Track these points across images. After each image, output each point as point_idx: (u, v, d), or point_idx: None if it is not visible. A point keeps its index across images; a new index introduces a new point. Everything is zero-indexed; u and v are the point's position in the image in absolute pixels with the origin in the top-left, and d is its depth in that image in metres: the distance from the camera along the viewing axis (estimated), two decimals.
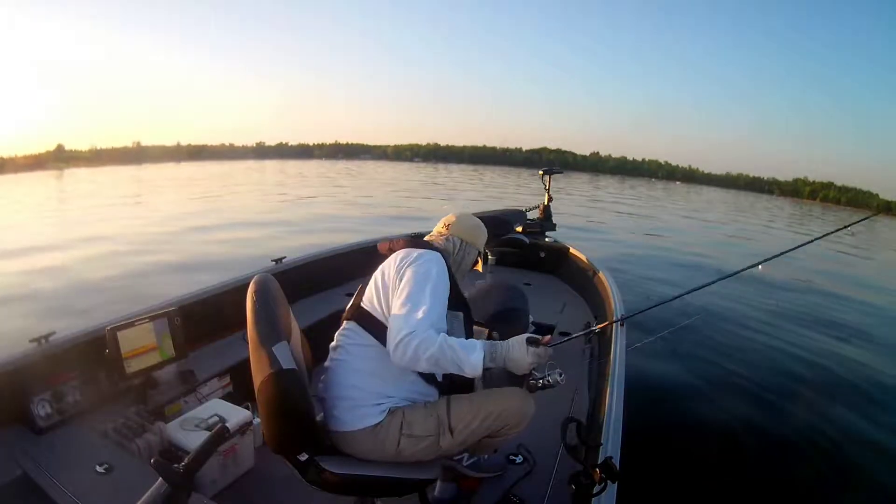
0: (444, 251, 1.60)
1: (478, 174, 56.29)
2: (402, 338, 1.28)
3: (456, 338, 1.32)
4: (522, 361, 1.34)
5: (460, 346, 1.29)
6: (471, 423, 1.42)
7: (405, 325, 1.30)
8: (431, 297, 1.35)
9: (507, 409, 1.45)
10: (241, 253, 8.05)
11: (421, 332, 1.28)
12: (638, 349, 2.37)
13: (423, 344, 1.26)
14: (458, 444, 1.44)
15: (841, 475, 2.98)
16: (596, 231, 13.26)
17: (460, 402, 1.46)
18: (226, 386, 2.39)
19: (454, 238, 1.70)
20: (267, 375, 1.22)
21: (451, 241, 1.69)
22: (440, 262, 1.47)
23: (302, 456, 1.34)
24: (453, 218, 1.75)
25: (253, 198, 19.60)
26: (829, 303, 7.91)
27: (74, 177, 41.34)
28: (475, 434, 1.44)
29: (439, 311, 1.37)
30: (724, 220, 23.24)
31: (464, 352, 1.29)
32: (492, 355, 1.33)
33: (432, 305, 1.34)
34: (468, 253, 1.71)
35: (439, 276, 1.42)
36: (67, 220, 13.35)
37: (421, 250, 1.51)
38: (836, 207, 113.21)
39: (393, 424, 1.40)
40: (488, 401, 1.46)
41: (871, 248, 19.64)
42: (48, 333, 2.00)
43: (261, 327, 1.28)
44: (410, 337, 1.27)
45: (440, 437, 1.41)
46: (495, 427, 1.44)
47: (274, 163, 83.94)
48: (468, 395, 1.51)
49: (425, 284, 1.37)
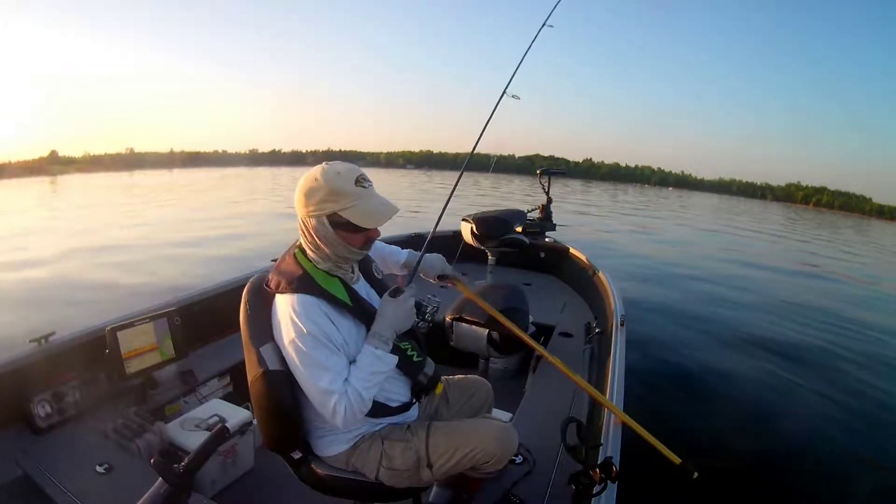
0: (300, 276, 1.24)
1: (471, 180, 56.49)
2: (333, 416, 1.19)
3: (358, 366, 1.22)
4: (397, 315, 1.28)
5: (368, 367, 1.22)
6: (450, 459, 1.35)
7: (322, 401, 1.19)
8: (318, 360, 1.18)
9: (486, 445, 1.36)
10: (240, 253, 8.04)
11: (338, 399, 1.17)
12: (638, 349, 2.38)
13: (349, 409, 1.18)
14: (437, 477, 1.39)
15: (842, 476, 2.98)
16: (594, 227, 13.31)
17: (438, 435, 1.37)
18: (226, 386, 2.39)
19: (300, 226, 1.27)
20: (255, 375, 1.24)
21: (301, 232, 1.28)
22: (301, 309, 1.19)
23: (296, 454, 1.36)
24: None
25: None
26: (832, 302, 7.94)
27: (67, 183, 41.18)
28: (455, 468, 1.37)
29: (335, 361, 1.20)
30: (716, 226, 23.47)
31: (374, 365, 1.23)
32: (381, 337, 1.25)
33: (324, 367, 1.18)
34: (312, 231, 1.24)
35: (309, 331, 1.17)
36: (61, 224, 13.29)
37: (280, 299, 1.24)
38: (828, 212, 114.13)
39: (372, 454, 1.35)
40: (469, 436, 1.37)
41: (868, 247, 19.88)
42: (48, 333, 1.99)
43: (251, 328, 1.29)
44: (334, 413, 1.18)
45: (420, 470, 1.36)
46: (476, 462, 1.37)
47: (266, 170, 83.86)
48: (448, 426, 1.41)
49: (302, 356, 1.18)
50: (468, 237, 3.53)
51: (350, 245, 1.24)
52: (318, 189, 1.19)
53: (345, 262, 1.30)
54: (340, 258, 1.27)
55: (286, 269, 1.27)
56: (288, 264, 1.28)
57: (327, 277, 1.27)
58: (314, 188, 1.19)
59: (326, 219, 1.21)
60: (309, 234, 1.25)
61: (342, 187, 1.18)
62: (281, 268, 1.28)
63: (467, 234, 3.53)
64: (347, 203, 1.19)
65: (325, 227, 1.21)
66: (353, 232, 1.23)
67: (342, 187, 1.18)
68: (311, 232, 1.24)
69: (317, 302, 1.21)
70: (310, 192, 1.20)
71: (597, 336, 2.71)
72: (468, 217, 3.59)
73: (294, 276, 1.24)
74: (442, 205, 1.80)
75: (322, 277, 1.26)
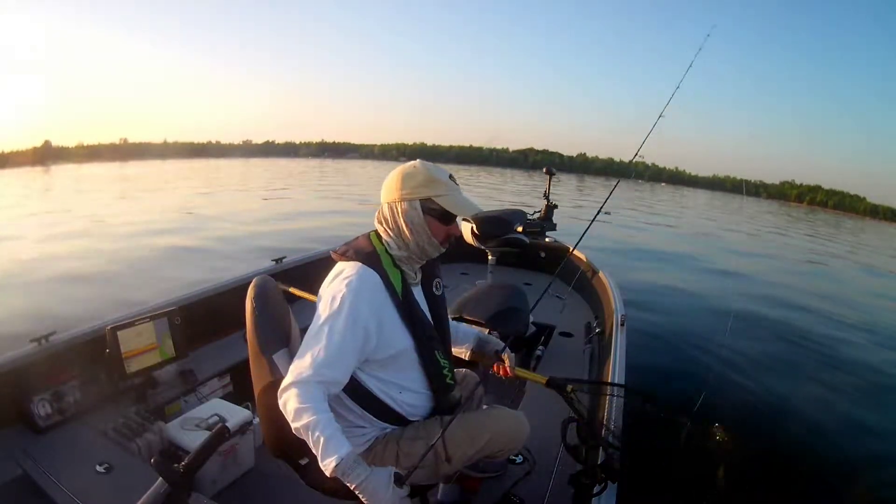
0: (370, 252, 1.28)
1: (469, 174, 56.35)
2: (283, 388, 1.15)
3: (329, 429, 1.13)
4: (382, 495, 1.13)
5: (325, 441, 1.12)
6: (468, 451, 1.37)
7: (290, 373, 1.16)
8: (327, 340, 1.16)
9: (502, 433, 1.40)
10: (240, 252, 7.99)
11: (300, 395, 1.12)
12: (638, 349, 2.39)
13: (295, 413, 1.12)
14: (455, 469, 1.40)
15: (842, 476, 2.99)
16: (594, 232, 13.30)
17: (455, 429, 1.34)
18: (226, 386, 2.39)
19: (385, 211, 1.31)
20: (267, 383, 1.23)
21: (384, 218, 1.31)
22: (357, 281, 1.21)
23: (303, 460, 1.34)
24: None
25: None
26: (832, 302, 7.94)
27: (62, 174, 40.79)
28: (473, 458, 1.39)
29: (335, 358, 1.16)
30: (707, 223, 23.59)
31: (322, 450, 1.12)
32: (345, 471, 1.11)
33: (326, 352, 1.15)
34: (400, 215, 1.28)
35: (350, 305, 1.18)
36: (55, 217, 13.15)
37: (344, 264, 1.27)
38: (822, 210, 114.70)
39: (388, 455, 1.33)
40: (484, 426, 1.40)
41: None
42: (48, 333, 1.99)
43: (260, 334, 1.28)
44: (288, 393, 1.14)
45: (439, 465, 1.35)
46: (492, 449, 1.40)
47: (261, 160, 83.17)
48: (462, 419, 1.38)
49: (325, 322, 1.17)
50: (468, 237, 3.52)
51: (433, 235, 1.29)
52: (417, 174, 1.27)
53: (420, 255, 1.33)
54: (418, 249, 1.31)
55: (358, 244, 1.31)
56: (361, 241, 1.33)
57: (392, 265, 1.30)
58: (412, 173, 1.27)
59: (420, 203, 1.27)
60: (393, 220, 1.29)
61: (439, 177, 1.28)
62: (353, 243, 1.33)
63: (467, 233, 3.52)
64: (442, 191, 1.27)
65: (416, 210, 1.27)
66: (440, 222, 1.29)
67: (439, 177, 1.28)
68: (399, 215, 1.28)
69: (375, 280, 1.23)
70: (408, 176, 1.27)
71: (597, 336, 2.72)
72: (468, 216, 3.57)
73: (364, 251, 1.28)
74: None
75: (388, 262, 1.29)
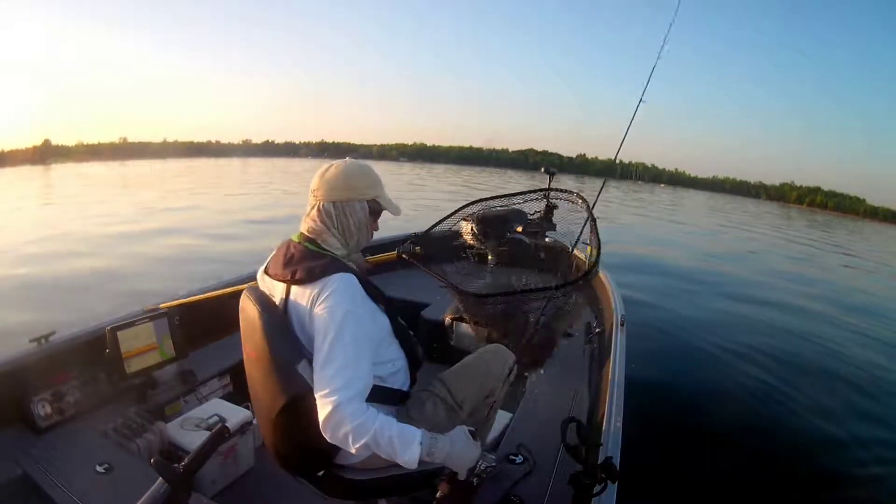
0: (329, 259, 1.23)
1: (468, 175, 56.35)
2: (326, 419, 1.09)
3: (393, 425, 1.13)
4: (469, 453, 1.18)
5: (397, 436, 1.11)
6: (471, 392, 1.45)
7: (324, 403, 1.09)
8: (344, 355, 1.11)
9: (490, 366, 1.52)
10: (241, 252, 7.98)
11: (350, 415, 1.08)
12: (638, 349, 2.39)
13: (355, 433, 1.08)
14: (467, 414, 1.45)
15: (842, 476, 2.99)
16: None
17: (453, 378, 1.46)
18: (226, 386, 2.39)
19: (329, 210, 1.26)
20: (284, 402, 1.18)
21: (325, 218, 1.26)
22: (347, 288, 1.17)
23: (320, 472, 1.32)
24: (317, 181, 1.27)
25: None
26: (832, 303, 7.93)
27: (63, 172, 40.74)
28: (478, 398, 1.48)
29: (358, 368, 1.13)
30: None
31: (400, 445, 1.11)
32: (430, 449, 1.13)
33: (349, 367, 1.11)
34: (350, 215, 1.26)
35: (352, 314, 1.14)
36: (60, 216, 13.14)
37: (322, 280, 1.18)
38: (821, 212, 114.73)
39: None
40: (475, 366, 1.51)
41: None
42: (48, 333, 1.98)
43: (275, 346, 1.21)
44: (334, 422, 1.08)
45: (456, 414, 1.40)
46: (490, 386, 1.50)
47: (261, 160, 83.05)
48: (454, 368, 1.51)
49: (335, 338, 1.12)
50: (468, 236, 3.52)
51: (370, 233, 1.33)
52: (369, 174, 1.30)
53: (355, 250, 1.34)
54: (356, 246, 1.33)
55: (304, 257, 1.23)
56: (302, 253, 1.24)
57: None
58: (365, 172, 1.30)
59: (367, 203, 1.29)
60: (341, 219, 1.27)
61: (379, 178, 1.33)
62: (294, 258, 1.23)
63: (467, 233, 3.52)
64: (382, 192, 1.33)
65: (364, 210, 1.29)
66: (374, 219, 1.33)
67: (379, 178, 1.33)
68: (347, 216, 1.27)
69: (353, 280, 1.20)
70: (360, 175, 1.29)
71: (597, 336, 2.72)
72: (468, 216, 3.57)
73: (322, 261, 1.21)
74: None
75: (342, 258, 1.30)
